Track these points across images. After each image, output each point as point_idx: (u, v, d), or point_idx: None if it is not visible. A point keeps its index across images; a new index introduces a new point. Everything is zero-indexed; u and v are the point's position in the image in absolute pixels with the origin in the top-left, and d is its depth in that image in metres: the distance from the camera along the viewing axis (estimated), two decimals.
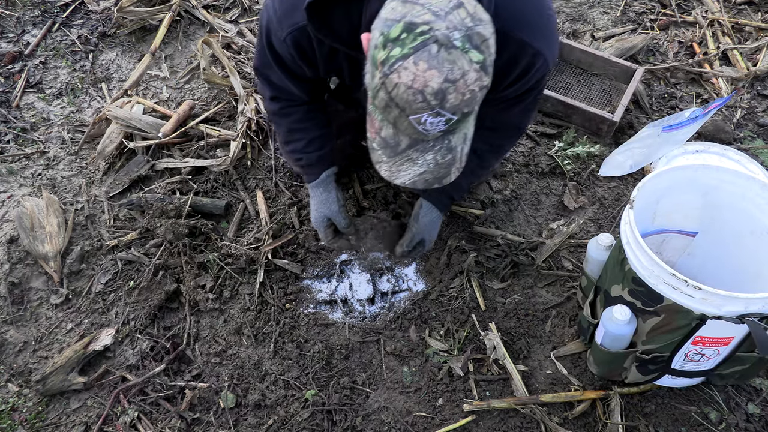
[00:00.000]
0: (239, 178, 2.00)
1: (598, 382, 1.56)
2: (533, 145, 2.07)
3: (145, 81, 2.32)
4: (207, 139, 2.06)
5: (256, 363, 1.62)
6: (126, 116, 2.06)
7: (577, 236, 1.84)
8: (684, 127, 1.85)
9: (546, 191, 1.96)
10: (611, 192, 1.95)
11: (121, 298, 1.74)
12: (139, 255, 1.80)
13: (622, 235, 1.30)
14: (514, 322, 1.67)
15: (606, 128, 2.05)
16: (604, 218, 1.89)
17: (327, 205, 1.65)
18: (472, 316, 1.67)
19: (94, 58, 2.40)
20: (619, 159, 1.97)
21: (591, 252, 1.51)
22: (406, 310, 1.70)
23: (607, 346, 1.42)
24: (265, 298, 1.72)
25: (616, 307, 1.33)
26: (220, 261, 1.77)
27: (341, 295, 1.75)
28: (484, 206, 1.91)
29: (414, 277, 1.78)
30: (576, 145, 2.02)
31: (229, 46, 2.37)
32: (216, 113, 2.16)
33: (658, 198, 1.41)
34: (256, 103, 2.11)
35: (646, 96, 2.19)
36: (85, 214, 1.94)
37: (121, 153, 2.06)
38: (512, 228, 1.87)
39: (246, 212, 1.93)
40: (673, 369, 1.41)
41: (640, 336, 1.36)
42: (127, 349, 1.66)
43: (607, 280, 1.40)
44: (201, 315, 1.71)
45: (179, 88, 2.30)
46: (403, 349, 1.63)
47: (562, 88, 2.19)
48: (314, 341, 1.65)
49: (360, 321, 1.70)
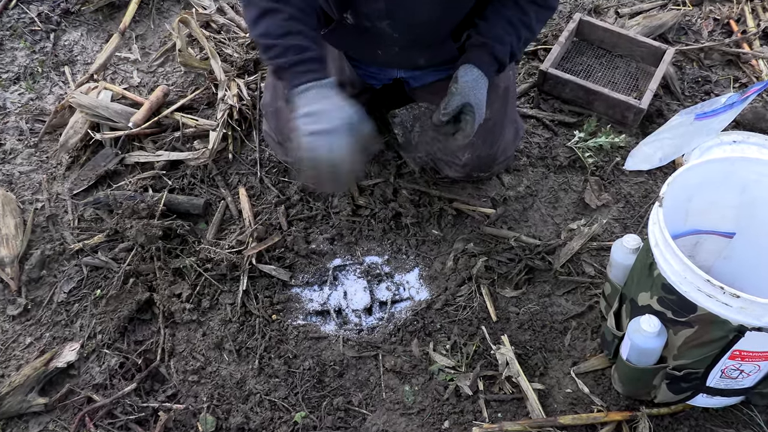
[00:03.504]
0: (220, 174, 2.00)
1: (624, 402, 1.56)
2: (550, 136, 2.07)
3: (113, 64, 2.31)
4: (183, 129, 2.06)
5: (239, 381, 1.62)
6: (92, 104, 2.06)
7: (599, 238, 1.84)
8: (719, 114, 1.85)
9: (565, 187, 1.96)
10: (638, 188, 1.95)
11: (87, 308, 1.74)
12: (107, 260, 1.80)
13: (650, 236, 1.30)
14: (530, 334, 1.67)
15: (632, 116, 2.05)
16: (630, 218, 1.89)
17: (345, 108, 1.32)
18: (482, 327, 1.67)
19: (56, 39, 2.40)
20: (646, 151, 1.98)
21: (615, 255, 1.51)
22: (408, 322, 1.70)
23: (633, 361, 1.42)
24: (249, 308, 1.72)
25: (644, 318, 1.34)
26: (198, 267, 1.77)
27: (335, 304, 1.75)
28: (495, 204, 1.91)
29: (416, 285, 1.78)
30: (598, 135, 2.02)
31: (209, 24, 2.37)
32: (193, 100, 2.16)
33: (691, 195, 1.41)
34: (239, 89, 2.11)
35: (677, 80, 2.20)
36: (46, 214, 1.94)
37: (86, 145, 2.06)
38: (527, 229, 1.87)
39: (227, 212, 1.93)
40: (708, 387, 1.41)
41: (671, 350, 1.36)
42: (93, 366, 1.66)
43: (634, 288, 1.40)
44: (177, 327, 1.71)
45: (152, 72, 2.30)
46: (404, 365, 1.63)
47: (582, 72, 2.20)
48: (304, 357, 1.65)
49: (356, 334, 1.70)
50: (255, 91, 2.17)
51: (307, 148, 1.30)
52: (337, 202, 1.89)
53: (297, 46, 1.35)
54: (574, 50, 2.26)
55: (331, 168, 1.30)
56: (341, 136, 1.30)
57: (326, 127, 1.29)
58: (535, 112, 2.12)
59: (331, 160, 1.29)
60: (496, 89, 1.69)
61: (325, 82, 1.35)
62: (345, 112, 1.32)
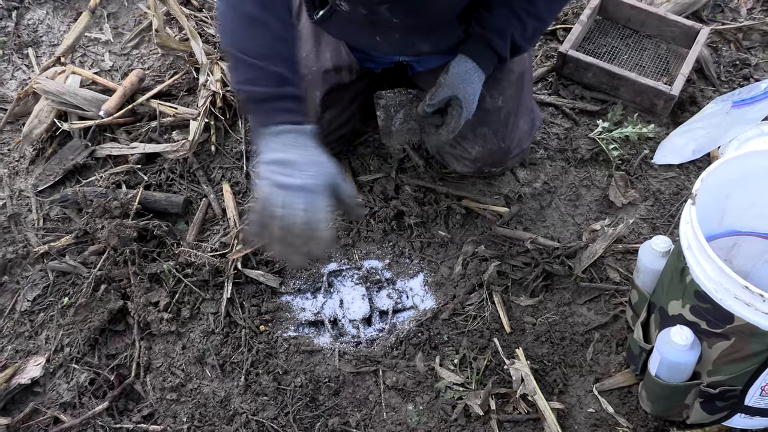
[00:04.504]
0: (201, 168, 2.00)
1: (653, 423, 1.56)
2: (571, 126, 2.07)
3: (82, 46, 2.31)
4: (161, 118, 2.06)
5: (223, 400, 1.62)
6: (58, 90, 2.06)
7: (625, 240, 1.84)
8: (759, 101, 1.85)
9: (587, 183, 1.96)
10: (669, 184, 1.95)
11: (53, 318, 1.74)
12: (76, 264, 1.80)
13: (681, 238, 1.29)
14: (547, 347, 1.67)
15: (662, 104, 2.05)
16: (659, 217, 1.89)
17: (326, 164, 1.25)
18: (494, 340, 1.67)
19: (19, 17, 2.40)
20: (678, 142, 1.98)
21: (643, 259, 1.51)
22: (411, 333, 1.70)
23: (663, 377, 1.42)
24: (234, 318, 1.73)
25: (675, 329, 1.33)
26: (177, 272, 1.77)
27: (329, 314, 1.75)
28: (508, 202, 1.91)
29: (421, 292, 1.78)
30: (624, 125, 2.02)
31: (188, 1, 2.37)
32: (172, 86, 2.16)
33: (728, 192, 1.41)
34: (223, 74, 2.11)
35: (712, 63, 2.19)
36: (8, 213, 1.94)
37: (52, 136, 2.06)
38: (544, 229, 1.87)
39: (210, 210, 1.93)
40: (746, 406, 1.41)
41: (705, 365, 1.36)
42: (60, 382, 1.66)
43: (664, 295, 1.40)
44: (153, 340, 1.71)
45: (126, 55, 2.30)
46: (407, 382, 1.63)
47: (607, 54, 2.19)
48: (295, 372, 1.65)
49: (353, 347, 1.70)
50: None
51: (276, 203, 1.17)
52: None
53: (278, 75, 1.26)
54: (597, 30, 2.26)
55: (306, 232, 1.18)
56: (319, 197, 1.19)
57: (300, 183, 1.18)
58: (554, 99, 2.12)
59: (307, 223, 1.17)
60: (510, 74, 1.69)
61: (306, 128, 1.26)
62: (326, 169, 1.23)
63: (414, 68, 1.79)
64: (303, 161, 1.21)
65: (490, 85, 1.63)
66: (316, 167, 1.22)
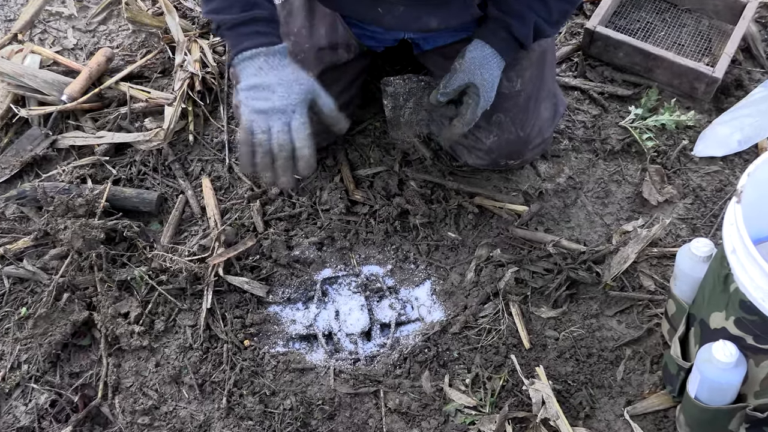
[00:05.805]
0: (177, 160, 2.00)
1: None
2: (599, 112, 2.08)
3: (42, 21, 2.32)
4: (131, 103, 2.07)
5: (202, 424, 1.63)
6: (15, 71, 2.07)
7: (661, 243, 1.84)
8: None
9: (617, 178, 1.97)
10: (711, 179, 1.95)
11: (9, 331, 1.75)
12: (35, 270, 1.81)
13: (725, 241, 1.30)
14: (572, 365, 1.68)
15: (703, 88, 2.05)
16: (700, 217, 1.89)
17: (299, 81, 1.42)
18: (512, 357, 1.68)
19: None
20: (722, 132, 1.98)
21: (682, 265, 1.51)
22: (417, 349, 1.71)
23: (704, 399, 1.42)
24: (215, 331, 1.73)
25: (718, 344, 1.34)
26: (150, 279, 1.78)
27: (324, 327, 1.76)
28: (527, 200, 1.91)
29: (428, 302, 1.78)
30: (660, 112, 2.03)
31: None
32: (144, 67, 2.17)
33: None
34: (202, 53, 2.12)
35: (760, 41, 2.20)
36: None
37: (8, 124, 2.07)
38: (569, 231, 1.87)
39: (187, 209, 1.93)
40: None
41: (752, 385, 1.36)
42: (17, 404, 1.66)
43: (705, 306, 1.41)
44: (123, 356, 1.72)
45: (91, 32, 2.30)
46: (412, 404, 1.64)
47: (640, 31, 2.20)
48: (285, 393, 1.65)
49: (350, 365, 1.70)
50: (222, 55, 2.17)
51: (252, 130, 1.37)
52: (327, 197, 1.90)
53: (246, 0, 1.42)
54: (629, 3, 2.26)
55: (282, 155, 1.38)
56: (296, 116, 1.38)
57: (276, 105, 1.37)
58: (580, 82, 2.13)
59: (282, 145, 1.37)
60: (530, 54, 1.69)
61: (276, 48, 1.42)
62: (299, 87, 1.40)
63: (420, 47, 1.79)
64: (277, 82, 1.39)
65: (507, 66, 1.63)
66: (290, 86, 1.40)
